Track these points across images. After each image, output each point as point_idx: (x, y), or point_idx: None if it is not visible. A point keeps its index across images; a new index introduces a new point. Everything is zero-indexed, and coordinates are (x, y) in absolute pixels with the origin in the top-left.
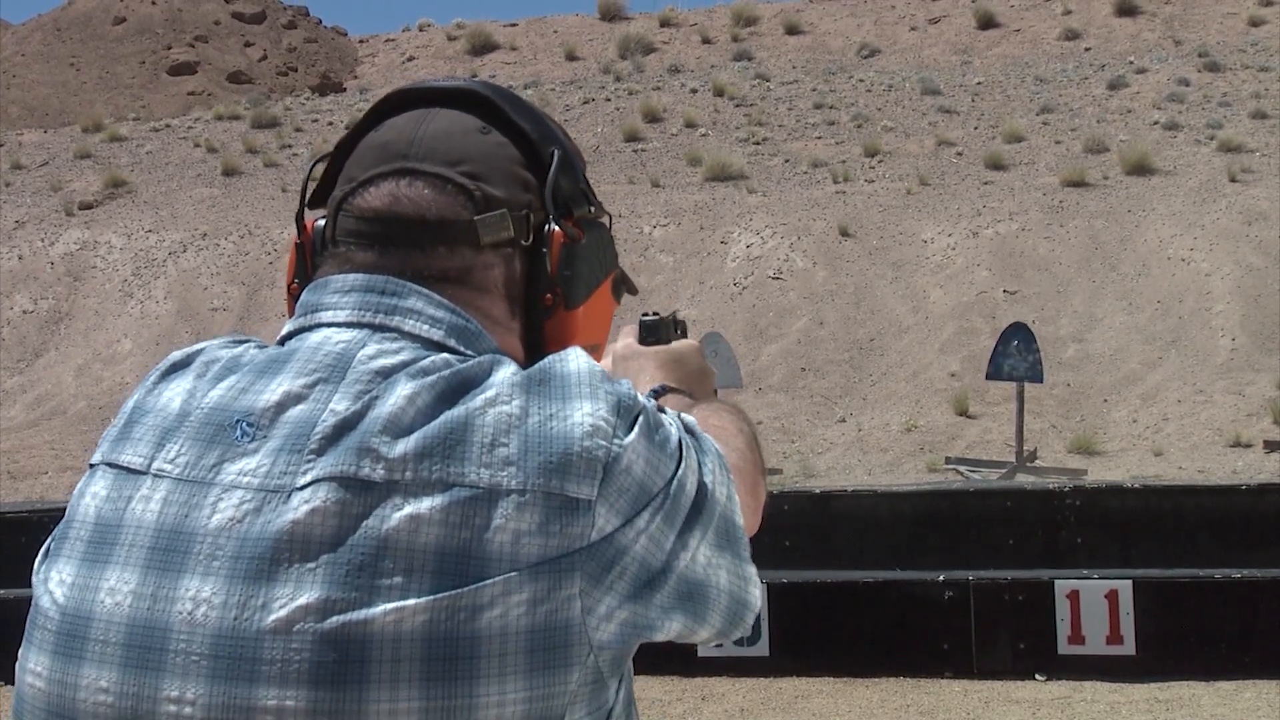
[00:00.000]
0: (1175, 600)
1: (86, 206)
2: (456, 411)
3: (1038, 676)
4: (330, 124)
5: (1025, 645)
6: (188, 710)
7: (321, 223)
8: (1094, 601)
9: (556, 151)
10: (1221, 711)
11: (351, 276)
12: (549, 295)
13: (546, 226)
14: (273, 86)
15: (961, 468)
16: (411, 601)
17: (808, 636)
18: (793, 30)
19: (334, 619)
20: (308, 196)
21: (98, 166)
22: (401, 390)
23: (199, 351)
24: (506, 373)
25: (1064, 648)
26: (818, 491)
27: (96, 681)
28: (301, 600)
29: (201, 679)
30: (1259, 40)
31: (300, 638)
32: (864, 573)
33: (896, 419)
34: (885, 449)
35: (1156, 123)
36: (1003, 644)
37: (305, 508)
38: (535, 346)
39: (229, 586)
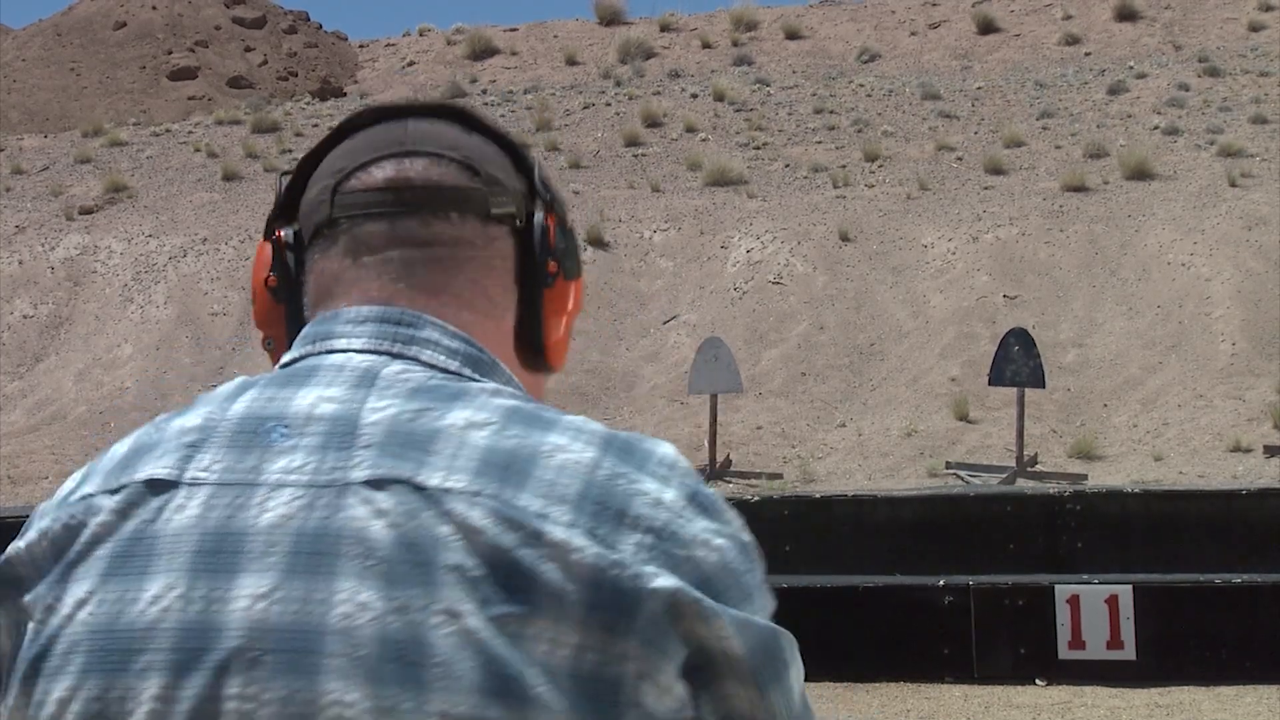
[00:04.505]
0: (1175, 605)
1: (87, 211)
2: (521, 442)
3: (1038, 681)
4: (331, 128)
5: (1025, 650)
6: (249, 706)
7: (286, 232)
8: (1094, 606)
9: (535, 159)
10: (1222, 716)
11: (365, 309)
12: (553, 263)
13: (538, 213)
14: (273, 91)
15: (962, 472)
16: (466, 608)
17: (807, 641)
18: (793, 35)
19: (393, 618)
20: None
21: (98, 171)
22: (460, 411)
23: (194, 400)
24: (577, 421)
25: (1064, 653)
26: (818, 496)
27: (145, 692)
28: (363, 597)
29: (264, 674)
30: (1259, 45)
31: (362, 633)
32: (864, 577)
33: (897, 424)
34: (885, 454)
35: (1156, 127)
36: (1003, 649)
37: (362, 506)
38: (532, 318)
39: (289, 582)
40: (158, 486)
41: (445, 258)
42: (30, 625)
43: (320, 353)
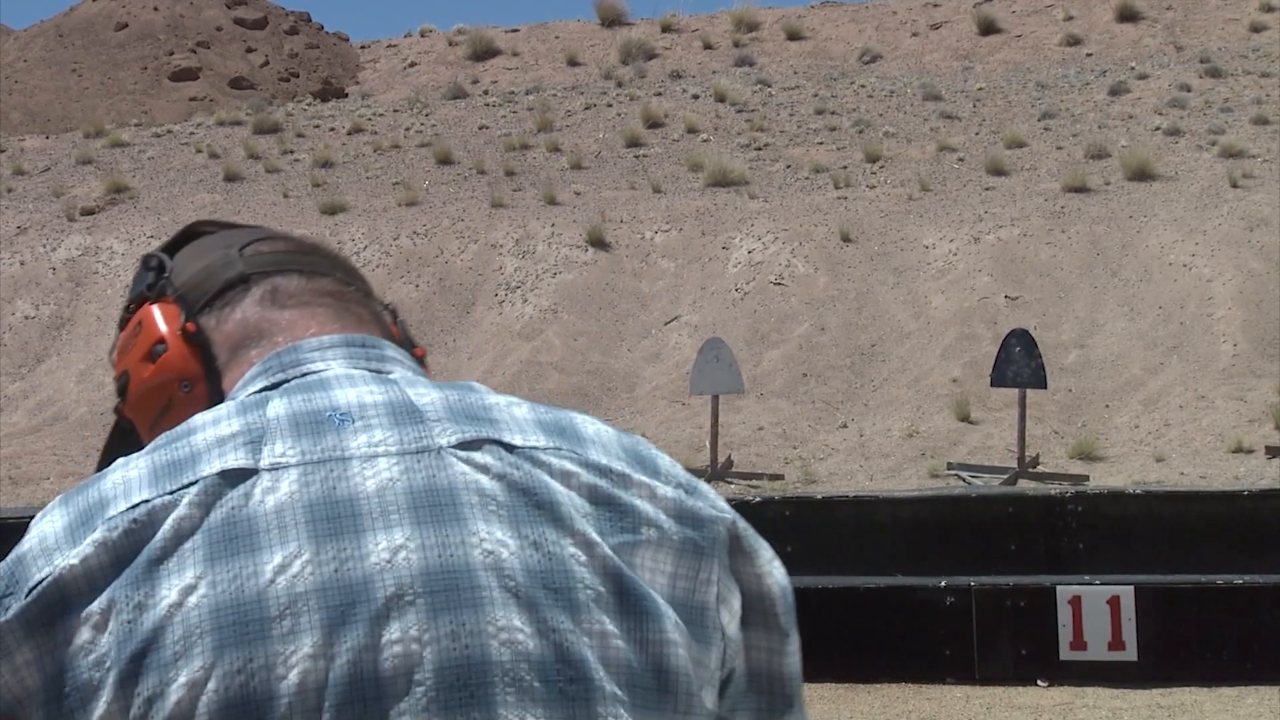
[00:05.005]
0: (1177, 606)
1: (88, 212)
2: (556, 414)
3: (1039, 682)
4: (332, 130)
5: (1027, 651)
6: (413, 648)
7: (157, 309)
8: (1096, 607)
9: None
10: (1223, 718)
11: (326, 337)
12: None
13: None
14: (275, 92)
15: (963, 473)
16: (595, 539)
17: (809, 642)
18: (794, 36)
19: (531, 552)
20: (139, 291)
21: (99, 172)
22: (489, 395)
23: (159, 441)
24: None
25: (1066, 653)
26: (820, 497)
27: (295, 654)
28: (498, 535)
29: (424, 614)
30: (1260, 46)
31: (509, 565)
32: (865, 578)
33: (898, 425)
34: (887, 454)
35: (1158, 128)
36: (1004, 650)
37: (462, 464)
38: None
39: (421, 531)
40: (234, 476)
41: (361, 314)
42: (100, 636)
43: (299, 376)
